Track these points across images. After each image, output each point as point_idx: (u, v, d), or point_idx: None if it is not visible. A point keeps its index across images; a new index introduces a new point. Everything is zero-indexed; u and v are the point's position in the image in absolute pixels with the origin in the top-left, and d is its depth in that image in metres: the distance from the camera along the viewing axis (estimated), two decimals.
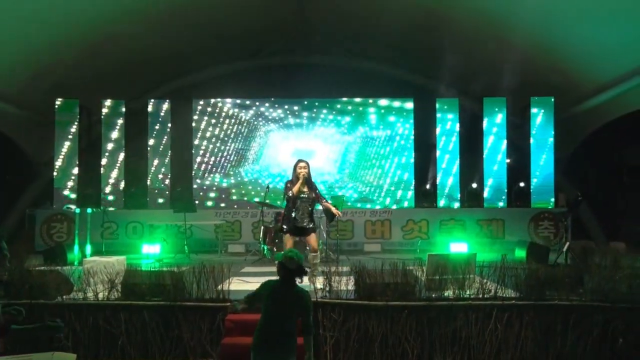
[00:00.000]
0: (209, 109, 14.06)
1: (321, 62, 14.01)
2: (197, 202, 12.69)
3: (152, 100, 13.42)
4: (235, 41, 12.91)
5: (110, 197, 12.96)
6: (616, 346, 5.98)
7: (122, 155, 13.11)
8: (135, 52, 12.20)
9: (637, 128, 12.69)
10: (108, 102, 13.13)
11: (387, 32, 12.65)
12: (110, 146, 13.09)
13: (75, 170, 12.80)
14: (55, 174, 12.77)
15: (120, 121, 13.13)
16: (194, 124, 13.92)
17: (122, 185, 13.05)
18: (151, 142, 13.27)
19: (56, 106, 12.78)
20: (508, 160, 13.23)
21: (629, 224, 12.15)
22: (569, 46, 11.00)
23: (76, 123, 12.85)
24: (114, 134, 13.11)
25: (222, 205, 13.65)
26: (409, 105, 14.02)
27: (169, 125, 13.32)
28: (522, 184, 13.33)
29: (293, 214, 7.18)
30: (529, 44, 11.39)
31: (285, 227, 7.25)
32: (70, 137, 12.80)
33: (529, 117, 13.03)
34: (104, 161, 13.06)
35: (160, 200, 13.17)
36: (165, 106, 13.35)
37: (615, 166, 14.15)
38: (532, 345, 6.04)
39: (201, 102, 14.00)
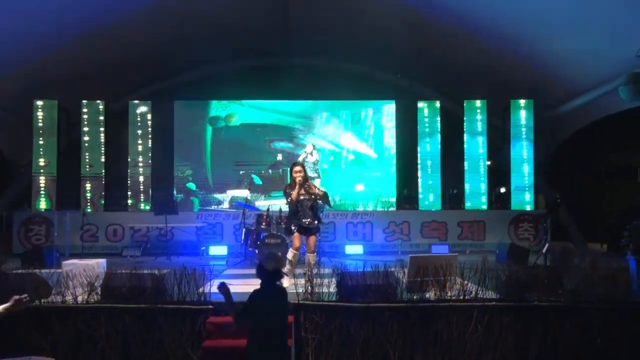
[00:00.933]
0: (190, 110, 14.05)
1: (303, 64, 14.01)
2: (178, 203, 12.62)
3: (133, 101, 13.31)
4: (217, 42, 12.85)
5: (90, 200, 12.82)
6: (594, 346, 6.07)
7: (102, 157, 12.98)
8: (116, 51, 12.08)
9: (615, 131, 12.92)
10: (88, 103, 13.00)
11: (368, 34, 12.69)
12: (90, 148, 12.95)
13: (55, 172, 12.65)
14: (33, 175, 12.61)
15: (100, 122, 13.00)
16: (175, 125, 13.84)
17: (102, 187, 12.91)
18: (132, 143, 13.16)
19: (35, 107, 12.62)
20: (488, 163, 13.35)
21: (608, 225, 12.33)
22: (549, 49, 11.12)
23: (55, 124, 12.69)
24: (94, 135, 12.97)
25: (204, 207, 13.62)
26: (390, 107, 14.09)
27: (150, 126, 13.21)
28: (502, 190, 13.46)
29: (299, 215, 7.66)
30: (508, 46, 11.50)
31: (293, 227, 7.70)
32: (49, 138, 12.65)
33: (509, 119, 13.16)
34: (83, 163, 12.92)
35: (142, 203, 13.06)
36: (147, 107, 13.24)
37: (594, 168, 14.38)
38: (512, 347, 6.11)
39: (183, 104, 13.95)
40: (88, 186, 12.85)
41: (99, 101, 13.03)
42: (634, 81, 9.07)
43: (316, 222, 7.76)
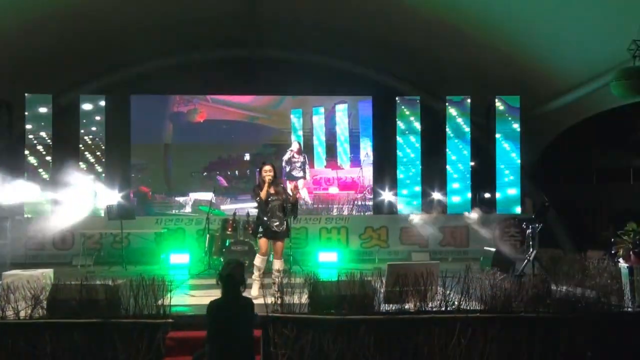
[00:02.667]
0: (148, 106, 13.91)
1: (274, 57, 13.98)
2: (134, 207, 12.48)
3: (85, 95, 13.10)
4: (178, 32, 12.74)
5: (35, 204, 12.56)
6: None
7: (49, 156, 12.74)
8: (65, 41, 11.88)
9: (607, 129, 13.14)
10: (33, 97, 12.75)
11: (345, 27, 12.71)
12: (35, 145, 12.70)
13: None
14: None
15: (47, 118, 12.76)
16: (131, 122, 13.69)
17: (49, 189, 12.66)
18: (83, 141, 12.95)
19: None
20: (472, 163, 13.48)
21: (599, 229, 12.53)
22: (536, 43, 11.28)
23: None
24: (40, 133, 12.73)
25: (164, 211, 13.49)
26: (367, 103, 14.14)
27: (104, 123, 13.02)
28: (487, 195, 13.60)
29: (266, 218, 7.64)
30: (493, 41, 11.63)
31: (260, 231, 7.72)
32: None
33: (494, 117, 13.31)
34: (28, 163, 12.67)
35: (94, 207, 12.85)
36: (99, 102, 13.05)
37: (584, 170, 14.61)
38: None
39: (140, 98, 13.80)
40: (33, 189, 12.59)
41: (45, 95, 12.78)
42: (626, 77, 9.20)
43: (285, 226, 7.77)
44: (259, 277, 7.60)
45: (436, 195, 13.55)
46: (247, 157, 13.94)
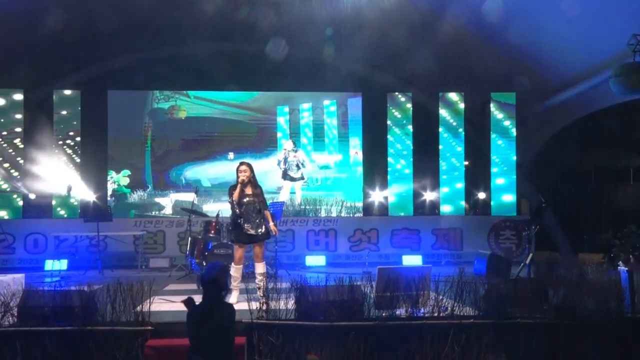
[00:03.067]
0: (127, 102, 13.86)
1: (257, 50, 13.94)
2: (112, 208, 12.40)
3: (59, 90, 13.01)
4: (158, 25, 12.67)
5: (5, 204, 12.47)
6: None
7: (19, 157, 12.63)
8: (38, 33, 11.78)
9: (606, 128, 13.21)
10: (2, 91, 12.63)
11: (332, 18, 12.69)
12: (4, 144, 12.59)
13: None
14: None
15: (18, 114, 12.64)
16: (109, 119, 13.61)
17: (19, 189, 12.57)
18: (57, 139, 12.86)
19: None
20: (466, 163, 13.52)
21: (598, 231, 12.61)
22: (534, 38, 11.33)
23: None
24: (10, 130, 12.61)
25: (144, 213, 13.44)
26: (357, 100, 14.15)
27: (79, 120, 12.93)
28: (482, 194, 13.65)
29: (240, 221, 7.53)
30: (489, 34, 11.67)
31: (234, 236, 7.64)
32: None
33: (489, 115, 13.36)
34: None
35: (68, 208, 12.77)
36: (75, 98, 12.95)
37: (583, 170, 14.67)
38: None
39: (118, 94, 13.73)
40: (5, 187, 12.51)
41: (15, 89, 12.67)
42: (626, 73, 9.27)
43: (263, 229, 7.64)
44: (237, 286, 7.57)
45: (428, 196, 13.60)
46: (230, 155, 13.90)
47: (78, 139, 12.90)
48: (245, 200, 7.56)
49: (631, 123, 13.22)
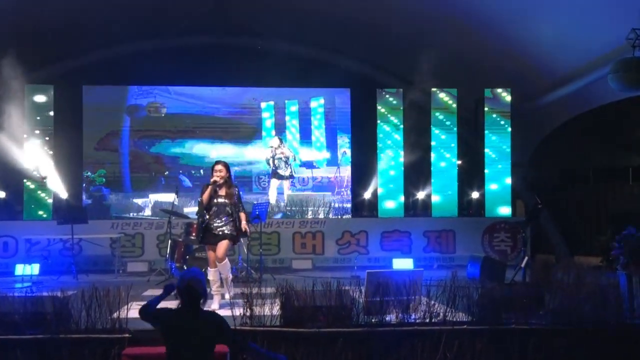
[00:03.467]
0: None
1: (241, 44, 13.93)
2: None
3: (31, 85, 12.91)
4: (136, 17, 12.62)
5: None
6: None
7: None
8: (6, 25, 11.71)
9: (603, 125, 13.29)
10: None
11: (319, 11, 12.70)
12: None
13: None
14: None
15: None
16: (84, 115, 13.53)
17: None
18: (29, 136, 12.76)
19: None
20: (459, 162, 13.56)
21: (595, 233, 12.68)
22: (529, 32, 11.38)
23: None
24: None
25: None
26: (345, 96, 14.17)
27: (53, 116, 12.84)
28: (475, 193, 13.70)
29: (207, 222, 7.52)
30: (483, 28, 11.71)
31: (201, 238, 7.62)
32: None
33: (483, 112, 13.41)
34: None
35: (40, 209, 12.68)
36: (48, 93, 12.86)
37: (581, 169, 14.75)
38: None
39: (94, 90, 13.65)
40: None
41: None
42: (625, 68, 9.32)
43: (231, 226, 7.58)
44: (218, 290, 7.56)
45: (420, 196, 13.64)
46: (212, 154, 13.87)
47: (51, 136, 12.81)
48: (217, 201, 7.56)
49: (630, 121, 13.29)
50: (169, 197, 13.02)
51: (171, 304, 4.73)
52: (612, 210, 12.85)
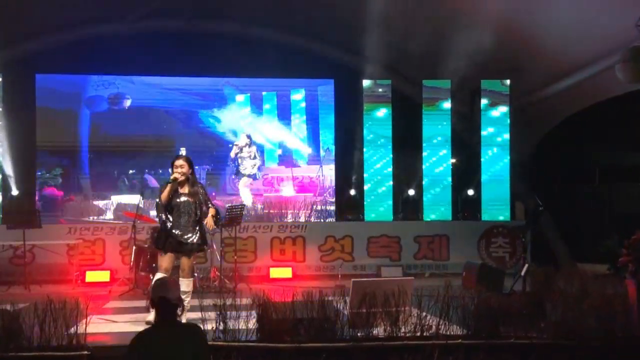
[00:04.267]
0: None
1: (215, 30, 13.89)
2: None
3: None
4: None
5: None
6: None
7: None
8: None
9: (609, 120, 13.37)
10: None
11: None
12: None
13: None
14: None
15: None
16: (37, 108, 13.43)
17: None
18: None
19: None
20: (453, 160, 13.61)
21: (601, 239, 12.78)
22: (530, 19, 11.43)
23: None
24: None
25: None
26: (328, 88, 14.18)
27: (0, 108, 12.75)
28: (471, 192, 13.75)
29: (169, 225, 7.35)
30: (480, 14, 11.75)
31: (159, 243, 7.45)
32: None
33: (480, 105, 13.46)
34: None
35: None
36: None
37: (585, 168, 14.84)
38: None
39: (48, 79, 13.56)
40: None
41: None
42: (634, 58, 9.38)
43: (197, 237, 7.48)
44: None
45: (410, 198, 13.67)
46: (182, 151, 13.81)
47: None
48: (179, 200, 7.40)
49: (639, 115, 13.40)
50: (133, 199, 12.98)
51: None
52: (619, 213, 12.96)
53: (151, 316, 7.13)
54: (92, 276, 11.45)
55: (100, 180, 13.76)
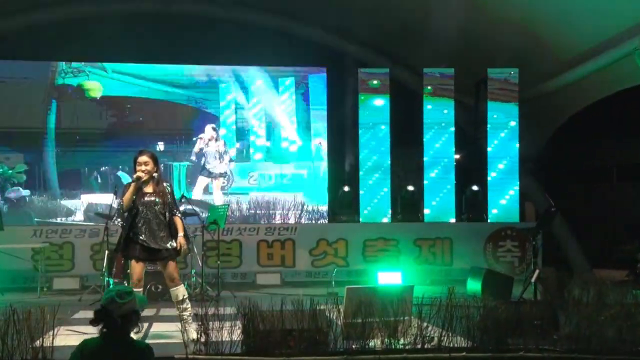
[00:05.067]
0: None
1: (195, 13, 13.87)
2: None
3: None
4: None
5: None
6: None
7: None
8: None
9: (627, 113, 13.39)
10: None
11: None
12: None
13: None
14: None
15: None
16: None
17: None
18: None
19: None
20: (457, 156, 13.61)
21: (619, 243, 12.82)
22: (540, 3, 11.46)
23: None
24: None
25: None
26: (320, 77, 14.18)
27: None
28: (476, 194, 13.74)
29: (132, 231, 7.08)
30: None
31: (125, 251, 7.19)
32: None
33: (485, 97, 13.46)
34: None
35: None
36: None
37: (602, 166, 14.86)
38: None
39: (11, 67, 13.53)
40: None
41: None
42: None
43: (170, 242, 7.17)
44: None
45: (410, 198, 13.66)
46: (160, 146, 13.80)
47: None
48: (143, 200, 7.13)
49: None
50: (105, 199, 12.93)
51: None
52: (639, 215, 13.00)
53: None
54: (59, 283, 11.42)
55: (69, 178, 13.70)
